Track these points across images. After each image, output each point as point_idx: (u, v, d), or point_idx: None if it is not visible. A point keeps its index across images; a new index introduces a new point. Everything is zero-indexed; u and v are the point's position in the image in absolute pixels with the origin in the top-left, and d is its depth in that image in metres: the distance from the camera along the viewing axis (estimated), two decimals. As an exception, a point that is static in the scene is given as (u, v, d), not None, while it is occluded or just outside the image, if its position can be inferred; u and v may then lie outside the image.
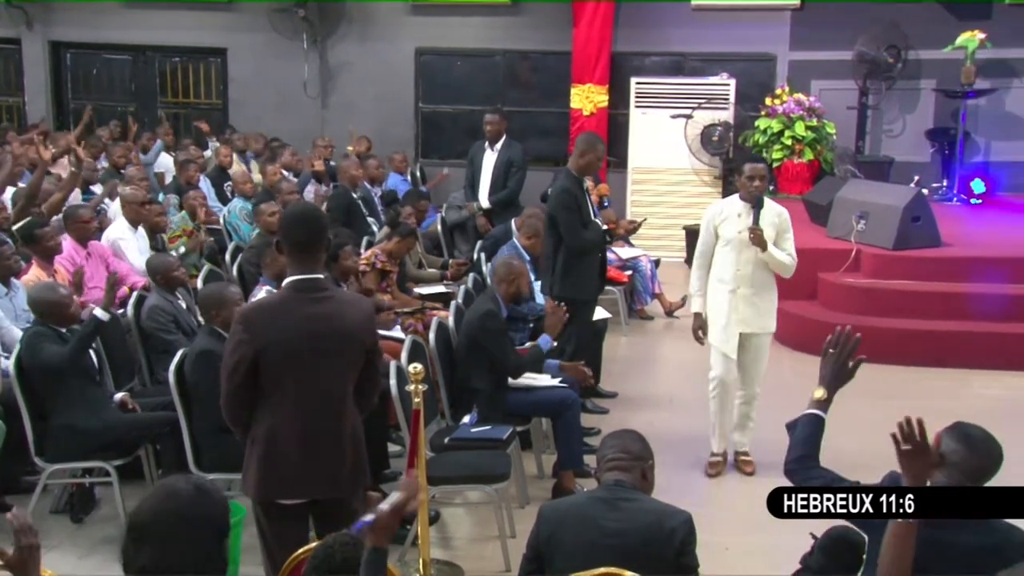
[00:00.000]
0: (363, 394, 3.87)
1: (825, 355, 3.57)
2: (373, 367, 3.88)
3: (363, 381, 3.84)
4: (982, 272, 8.54)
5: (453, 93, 12.72)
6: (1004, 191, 11.20)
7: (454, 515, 5.67)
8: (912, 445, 2.95)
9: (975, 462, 3.24)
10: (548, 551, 3.46)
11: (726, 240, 5.99)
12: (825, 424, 3.53)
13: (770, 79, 11.87)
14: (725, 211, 6.05)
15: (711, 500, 5.73)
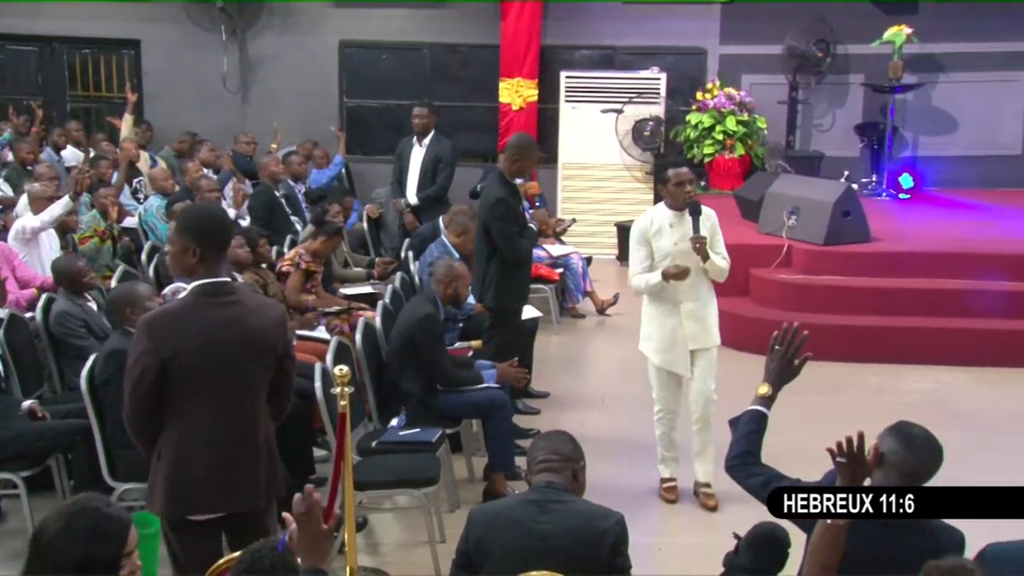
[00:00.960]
0: (277, 401, 3.74)
1: (771, 351, 3.57)
2: (286, 373, 3.75)
3: (276, 388, 3.72)
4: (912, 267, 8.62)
5: (379, 87, 12.51)
6: (931, 186, 11.37)
7: (382, 520, 5.55)
8: (848, 459, 2.98)
9: (914, 462, 3.27)
10: (478, 555, 3.42)
11: (663, 254, 5.63)
12: (768, 420, 3.56)
13: (701, 73, 11.89)
14: (656, 222, 5.67)
15: (644, 501, 5.69)
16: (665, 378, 5.75)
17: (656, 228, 5.65)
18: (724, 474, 3.62)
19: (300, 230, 8.63)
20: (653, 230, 5.65)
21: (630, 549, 3.41)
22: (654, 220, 5.68)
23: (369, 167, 12.26)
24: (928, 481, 3.29)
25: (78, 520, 2.59)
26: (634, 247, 5.74)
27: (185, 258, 3.59)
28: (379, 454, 5.24)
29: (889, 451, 3.27)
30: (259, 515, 3.69)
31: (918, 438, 3.31)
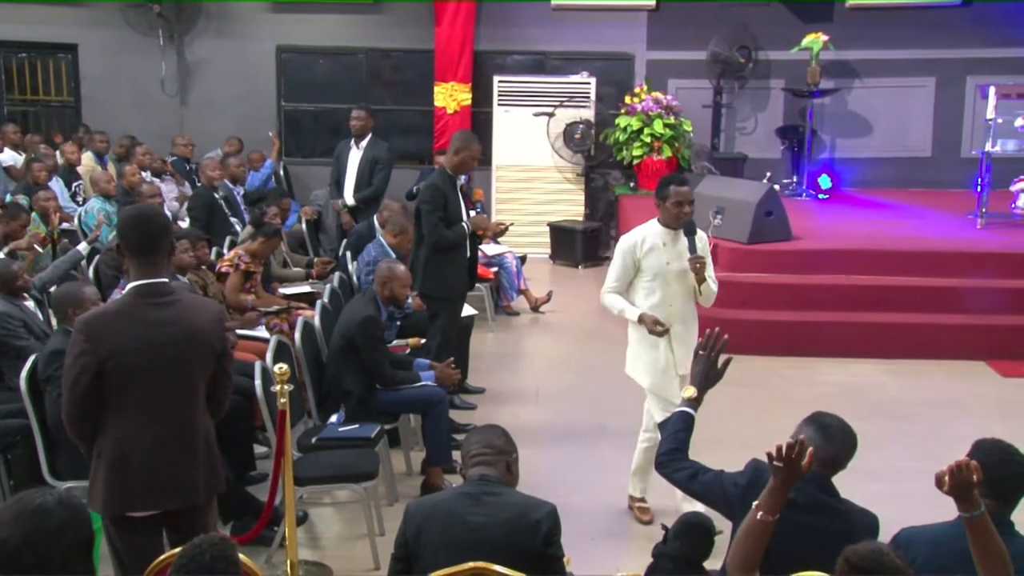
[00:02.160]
0: (215, 399, 3.79)
1: (695, 356, 3.70)
2: (224, 371, 3.79)
3: (214, 386, 3.76)
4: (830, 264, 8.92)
5: (316, 91, 12.59)
6: (848, 186, 11.73)
7: (322, 515, 5.65)
8: (785, 464, 3.05)
9: (831, 450, 3.46)
10: (415, 548, 3.47)
11: (653, 274, 5.30)
12: (695, 420, 3.70)
13: (629, 78, 12.13)
14: (648, 240, 5.32)
15: (577, 491, 5.82)
16: (661, 405, 5.35)
17: (648, 246, 5.32)
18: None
19: (239, 231, 8.71)
20: (645, 248, 5.32)
21: (563, 539, 3.51)
22: (646, 238, 5.34)
23: (307, 169, 12.35)
24: (845, 467, 3.49)
25: (52, 512, 2.60)
26: (617, 261, 5.41)
27: (117, 254, 3.66)
28: (319, 450, 5.32)
29: (807, 441, 3.40)
30: (199, 511, 3.71)
31: (833, 427, 3.51)
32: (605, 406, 7.26)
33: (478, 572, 3.33)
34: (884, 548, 2.79)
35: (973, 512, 2.85)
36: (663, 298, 5.34)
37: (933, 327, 8.39)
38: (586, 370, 8.16)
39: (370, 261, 7.33)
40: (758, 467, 3.53)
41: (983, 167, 9.63)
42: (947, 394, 7.52)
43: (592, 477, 6.14)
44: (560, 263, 11.51)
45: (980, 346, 8.24)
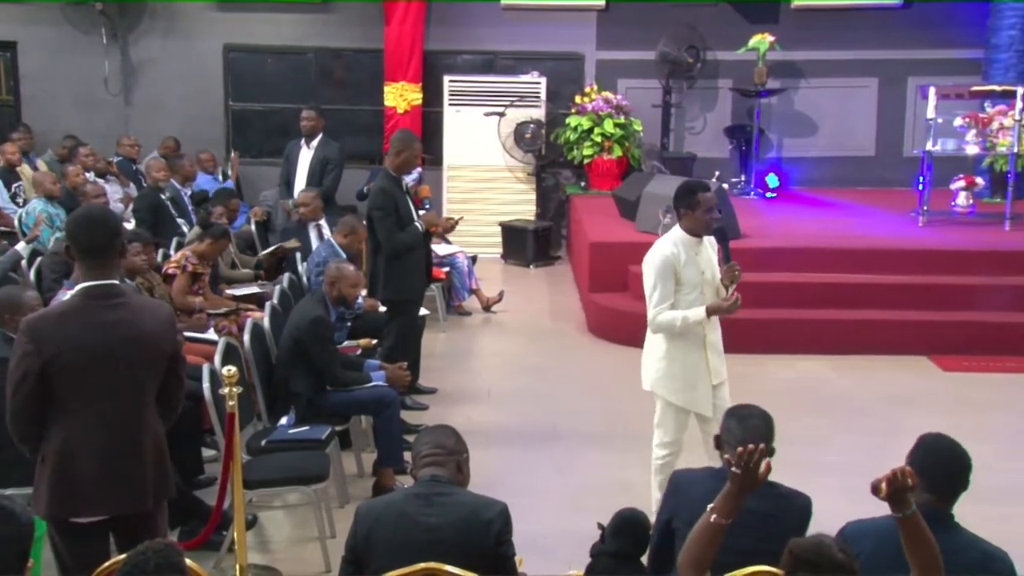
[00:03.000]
0: (167, 403, 3.74)
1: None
2: (176, 375, 3.75)
3: (166, 389, 3.71)
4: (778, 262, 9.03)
5: (264, 91, 12.48)
6: (795, 185, 11.89)
7: (272, 518, 5.62)
8: (743, 470, 3.09)
9: (749, 440, 3.47)
10: (366, 550, 3.47)
11: (691, 286, 5.04)
12: None
13: (579, 77, 12.18)
14: (682, 252, 5.04)
15: (528, 490, 5.84)
16: (682, 420, 5.18)
17: (684, 258, 5.03)
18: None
19: (186, 232, 8.63)
20: (681, 260, 5.02)
21: (515, 538, 3.53)
22: (678, 250, 5.04)
23: (255, 169, 12.22)
24: (773, 454, 3.55)
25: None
26: (660, 281, 5.01)
27: (66, 257, 3.63)
28: (269, 452, 5.29)
29: (726, 432, 3.65)
30: (148, 516, 3.67)
31: (753, 418, 3.65)
32: (557, 406, 7.31)
33: (430, 572, 3.34)
34: (827, 541, 2.83)
35: (905, 511, 2.91)
36: None
37: (878, 323, 8.53)
38: (538, 370, 8.19)
39: (320, 262, 7.30)
40: (714, 474, 3.66)
41: (924, 166, 9.82)
42: (892, 389, 7.65)
43: (544, 476, 6.17)
44: (511, 263, 11.53)
45: (923, 341, 8.38)
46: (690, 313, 4.98)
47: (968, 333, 8.40)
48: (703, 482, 3.68)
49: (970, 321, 8.48)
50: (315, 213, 8.42)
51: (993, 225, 9.74)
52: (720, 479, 3.60)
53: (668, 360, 5.12)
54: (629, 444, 6.49)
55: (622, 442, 6.58)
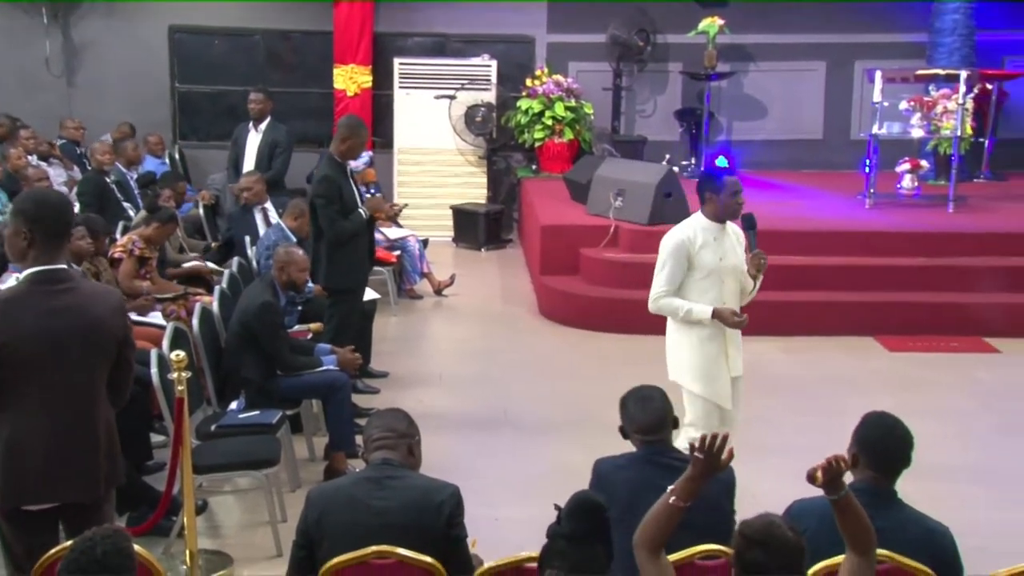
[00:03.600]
0: (116, 389, 3.72)
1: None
2: (125, 360, 3.72)
3: (115, 375, 3.69)
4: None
5: (211, 73, 12.32)
6: (744, 168, 11.91)
7: (223, 503, 5.59)
8: (705, 455, 3.11)
9: (645, 420, 3.73)
10: (318, 535, 3.47)
11: (706, 271, 4.89)
12: None
13: (529, 61, 12.18)
14: (699, 236, 4.90)
15: (480, 472, 5.86)
16: (711, 410, 5.01)
17: (701, 242, 4.90)
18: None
19: (132, 216, 8.51)
20: (697, 244, 4.89)
21: (467, 519, 3.55)
22: (696, 233, 4.92)
23: (203, 153, 12.09)
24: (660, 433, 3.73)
25: None
26: (670, 262, 4.93)
27: (16, 241, 3.52)
28: (218, 437, 5.26)
29: (627, 416, 3.78)
30: (98, 504, 3.64)
31: (654, 400, 3.77)
32: (508, 389, 7.33)
33: (381, 556, 3.35)
34: (777, 520, 2.87)
35: (839, 493, 2.97)
36: (717, 296, 4.91)
37: (825, 305, 8.64)
38: (489, 353, 8.20)
39: (269, 245, 7.24)
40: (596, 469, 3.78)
41: (871, 149, 9.94)
42: (838, 369, 7.76)
43: (496, 459, 6.19)
44: (463, 246, 11.51)
45: (869, 322, 8.52)
46: (696, 308, 4.86)
47: (913, 314, 8.54)
48: (626, 467, 3.75)
49: (915, 302, 8.62)
50: (259, 197, 8.34)
51: (937, 207, 9.90)
52: (642, 463, 3.68)
53: (689, 351, 5.00)
54: (581, 427, 6.55)
55: (574, 425, 6.63)
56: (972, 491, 5.77)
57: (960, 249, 9.04)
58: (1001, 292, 8.73)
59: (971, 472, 6.02)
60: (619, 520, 3.58)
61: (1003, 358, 8.02)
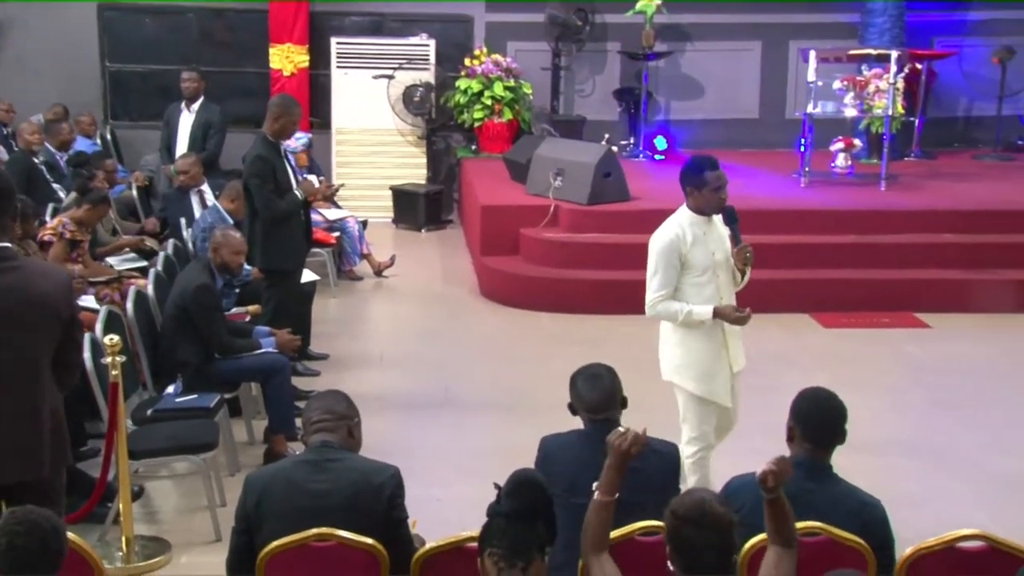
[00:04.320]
0: (64, 369, 3.71)
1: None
2: (73, 341, 3.71)
3: (62, 356, 3.67)
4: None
5: (143, 52, 12.04)
6: (683, 147, 12.04)
7: (160, 488, 5.54)
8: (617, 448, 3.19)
9: (593, 398, 3.77)
10: (257, 519, 3.46)
11: (700, 268, 4.72)
12: None
13: (468, 40, 12.10)
14: (688, 232, 4.71)
15: (422, 453, 5.86)
16: (707, 411, 4.83)
17: (691, 239, 4.71)
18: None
19: (63, 198, 8.35)
20: (688, 241, 4.70)
21: (409, 501, 3.55)
22: (685, 230, 4.73)
23: (136, 133, 11.83)
24: (608, 411, 3.77)
25: None
26: (663, 265, 4.73)
27: None
28: (155, 422, 5.21)
29: (576, 395, 3.81)
30: (43, 484, 3.63)
31: (602, 378, 3.80)
32: (449, 370, 7.33)
33: (321, 538, 3.35)
34: (707, 497, 2.92)
35: (775, 494, 3.03)
36: (714, 292, 4.74)
37: (761, 282, 8.46)
38: (430, 334, 8.19)
39: (205, 228, 7.17)
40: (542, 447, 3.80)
41: (805, 128, 10.06)
42: (775, 346, 7.86)
43: (437, 439, 6.19)
44: (403, 227, 11.46)
45: (805, 299, 8.64)
46: (697, 309, 4.67)
47: (847, 290, 8.69)
48: (572, 446, 3.78)
49: (849, 279, 8.77)
50: (195, 179, 8.23)
51: (870, 185, 10.06)
52: (588, 441, 3.72)
53: (685, 348, 4.81)
54: (522, 407, 6.59)
55: (515, 405, 6.66)
56: (903, 463, 5.91)
57: (892, 226, 9.20)
58: (931, 268, 8.90)
59: (902, 444, 6.16)
60: (563, 497, 3.62)
61: (933, 333, 8.19)
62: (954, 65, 12.07)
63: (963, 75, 12.15)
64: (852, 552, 3.32)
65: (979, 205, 9.53)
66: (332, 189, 7.99)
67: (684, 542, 2.81)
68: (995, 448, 6.07)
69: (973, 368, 7.44)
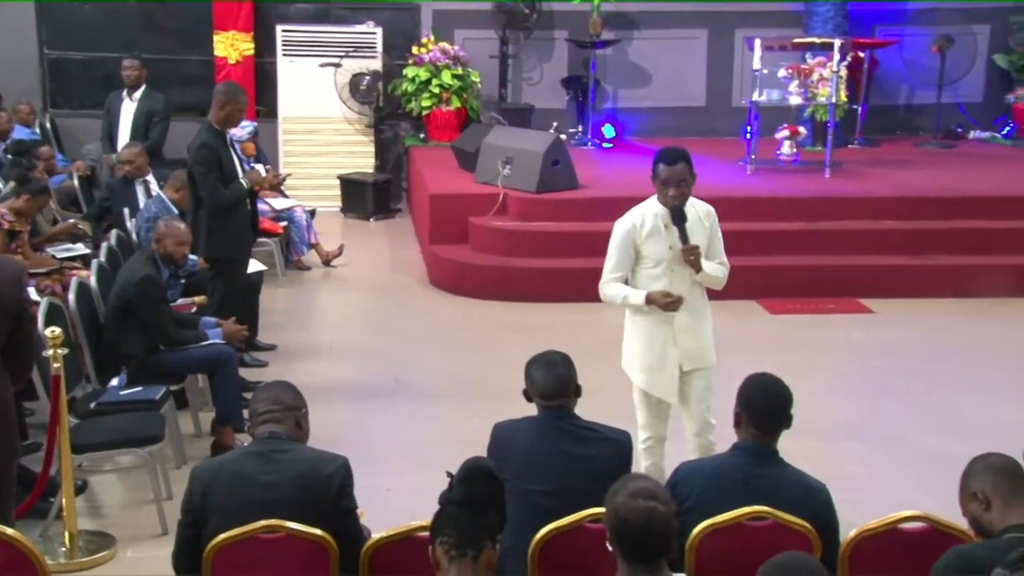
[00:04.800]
0: (15, 362, 3.66)
1: None
2: (24, 333, 3.66)
3: (14, 349, 3.62)
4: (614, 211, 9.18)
5: (83, 39, 11.81)
6: (631, 135, 12.12)
7: (104, 482, 5.47)
8: None
9: (546, 385, 3.78)
10: (204, 511, 3.43)
11: (656, 260, 4.65)
12: None
13: (415, 28, 12.03)
14: (648, 222, 4.65)
15: (370, 444, 5.84)
16: (652, 403, 4.81)
17: (648, 229, 4.66)
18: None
19: (1, 188, 8.17)
20: (644, 232, 4.66)
21: (357, 491, 3.54)
22: (645, 220, 4.68)
23: (76, 122, 11.61)
24: (561, 398, 3.78)
25: None
26: (616, 250, 4.72)
27: None
28: (99, 415, 5.14)
29: (531, 381, 3.82)
30: None
31: (557, 365, 3.82)
32: (399, 359, 7.31)
33: (269, 530, 3.32)
34: (648, 504, 2.81)
35: None
36: (667, 286, 4.64)
37: None
38: (379, 324, 8.17)
39: (150, 218, 7.08)
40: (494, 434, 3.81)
41: (751, 116, 10.15)
42: (722, 332, 7.77)
43: (387, 429, 6.18)
44: (351, 216, 11.39)
45: (751, 286, 8.67)
46: (631, 293, 4.64)
47: (793, 277, 8.79)
48: (525, 432, 3.80)
49: (795, 266, 8.87)
50: (141, 170, 8.12)
51: (815, 172, 10.18)
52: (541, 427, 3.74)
53: (633, 339, 4.83)
54: (472, 395, 6.60)
55: (465, 394, 6.66)
56: (847, 447, 6.00)
57: (837, 213, 9.32)
58: (875, 255, 9.03)
59: (845, 428, 6.26)
60: (514, 483, 3.64)
61: (876, 318, 8.32)
62: (895, 54, 12.25)
63: (904, 64, 12.33)
64: (798, 536, 3.36)
65: (921, 192, 9.68)
66: (279, 178, 7.95)
67: (619, 533, 2.82)
68: (935, 430, 6.18)
69: (914, 352, 7.57)
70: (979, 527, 3.15)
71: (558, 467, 3.62)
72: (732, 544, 3.36)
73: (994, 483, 3.08)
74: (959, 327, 8.09)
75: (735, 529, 3.36)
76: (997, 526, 3.04)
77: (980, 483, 3.11)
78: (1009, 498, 3.05)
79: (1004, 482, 3.08)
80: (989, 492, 3.07)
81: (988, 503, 3.07)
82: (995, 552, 2.64)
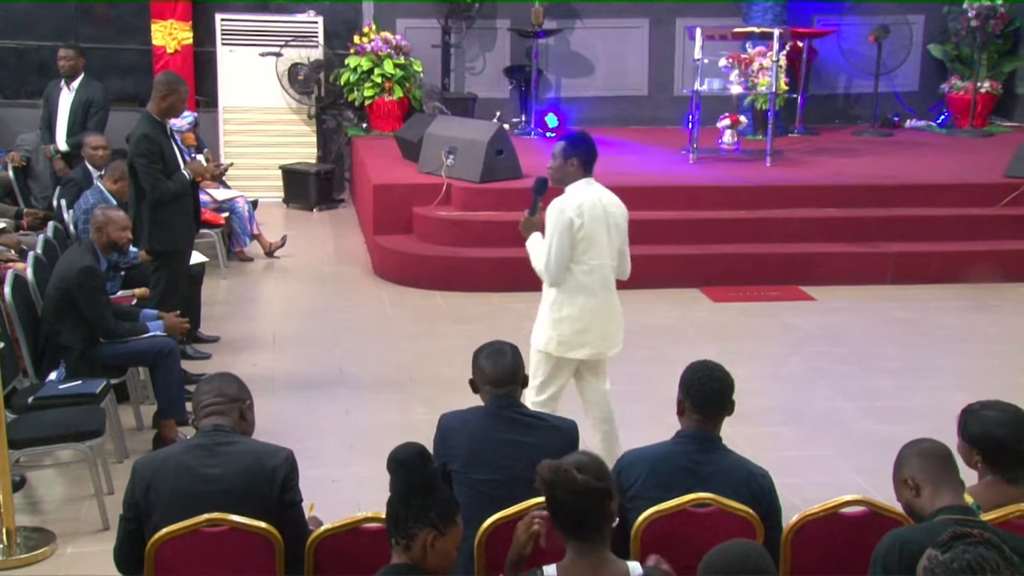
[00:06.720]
0: None
1: None
2: None
3: None
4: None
5: (17, 27, 11.55)
6: (574, 124, 12.12)
7: (43, 477, 5.39)
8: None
9: (494, 373, 3.82)
10: (146, 506, 3.40)
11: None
12: None
13: (357, 17, 11.93)
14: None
15: (317, 435, 5.83)
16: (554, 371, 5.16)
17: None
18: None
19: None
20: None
21: (304, 483, 3.53)
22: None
23: (10, 111, 11.36)
24: (509, 387, 3.82)
25: None
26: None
27: None
28: (37, 410, 5.07)
29: (478, 371, 3.86)
30: None
31: (505, 355, 3.87)
32: (343, 349, 7.29)
33: (213, 523, 3.30)
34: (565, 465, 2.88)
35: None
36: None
37: (652, 258, 8.76)
38: (323, 314, 8.12)
39: (87, 209, 6.96)
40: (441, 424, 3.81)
41: (693, 105, 10.23)
42: (665, 320, 8.01)
43: (332, 420, 6.15)
44: (294, 206, 11.30)
45: (694, 274, 8.81)
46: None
47: (736, 265, 8.88)
48: (471, 419, 3.81)
49: (738, 253, 8.97)
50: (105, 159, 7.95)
51: (756, 161, 10.29)
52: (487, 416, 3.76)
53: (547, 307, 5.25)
54: (416, 385, 6.60)
55: (409, 384, 6.66)
56: (787, 432, 6.10)
57: (778, 202, 9.44)
58: (815, 242, 9.16)
59: (785, 413, 6.36)
60: (461, 473, 3.65)
61: (817, 305, 8.45)
62: (833, 43, 12.40)
63: (842, 53, 12.50)
64: (741, 522, 3.41)
65: (860, 180, 9.83)
66: (220, 168, 7.84)
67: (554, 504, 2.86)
68: (871, 414, 6.31)
69: (853, 338, 7.71)
70: (912, 511, 3.23)
71: (505, 456, 3.64)
72: (676, 531, 3.40)
73: (923, 469, 3.18)
74: (897, 313, 8.25)
75: (679, 516, 3.40)
76: (928, 510, 3.13)
77: (910, 470, 3.21)
78: (939, 482, 3.14)
79: (933, 467, 3.18)
80: (919, 478, 3.18)
81: (918, 489, 3.17)
82: (931, 534, 2.71)
